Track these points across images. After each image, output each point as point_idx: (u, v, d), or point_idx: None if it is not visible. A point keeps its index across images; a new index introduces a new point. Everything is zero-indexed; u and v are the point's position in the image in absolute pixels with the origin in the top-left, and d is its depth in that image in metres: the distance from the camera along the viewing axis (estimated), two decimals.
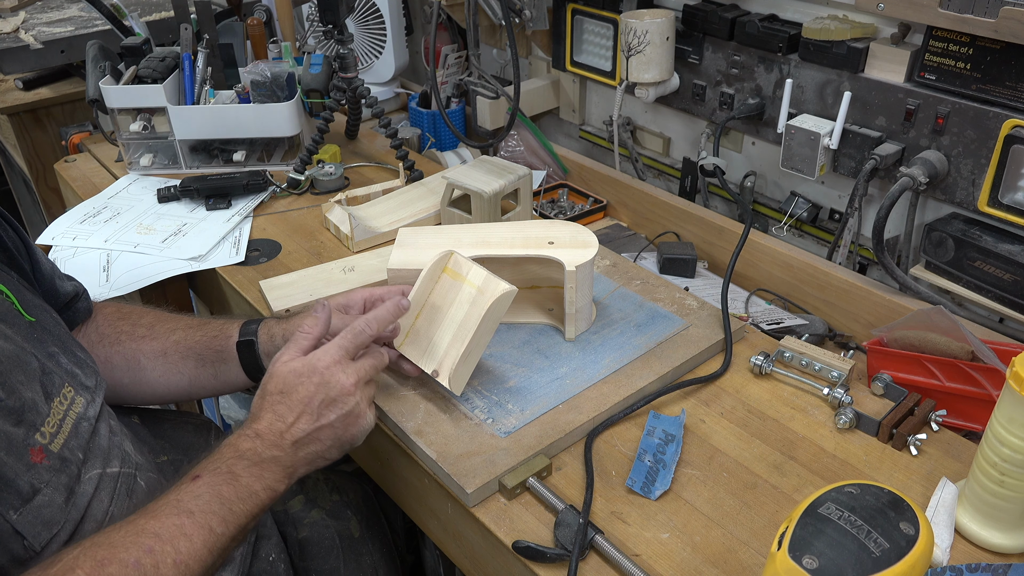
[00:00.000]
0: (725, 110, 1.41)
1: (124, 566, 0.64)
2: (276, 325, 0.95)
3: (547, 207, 1.58)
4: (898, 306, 1.14)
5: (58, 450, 0.69)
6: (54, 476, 0.68)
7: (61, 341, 0.78)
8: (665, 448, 0.87)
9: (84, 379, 0.77)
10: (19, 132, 1.94)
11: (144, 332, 0.96)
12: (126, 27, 1.72)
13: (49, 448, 0.68)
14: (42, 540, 0.66)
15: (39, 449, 0.67)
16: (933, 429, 0.90)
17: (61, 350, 0.77)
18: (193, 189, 1.40)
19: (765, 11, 1.33)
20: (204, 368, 0.95)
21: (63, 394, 0.72)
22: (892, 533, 0.62)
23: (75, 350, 0.80)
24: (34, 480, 0.66)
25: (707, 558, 0.76)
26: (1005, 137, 1.05)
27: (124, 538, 0.66)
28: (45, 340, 0.75)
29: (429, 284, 0.94)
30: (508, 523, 0.81)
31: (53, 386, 0.72)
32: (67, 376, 0.75)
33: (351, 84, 1.47)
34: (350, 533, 1.04)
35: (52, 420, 0.70)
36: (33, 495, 0.66)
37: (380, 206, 1.34)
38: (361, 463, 1.06)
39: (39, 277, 0.88)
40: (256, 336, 0.94)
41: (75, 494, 0.70)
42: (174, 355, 0.95)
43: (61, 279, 0.93)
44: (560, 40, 1.66)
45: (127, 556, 0.64)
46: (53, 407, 0.70)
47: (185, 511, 0.69)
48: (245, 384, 0.96)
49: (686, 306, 1.08)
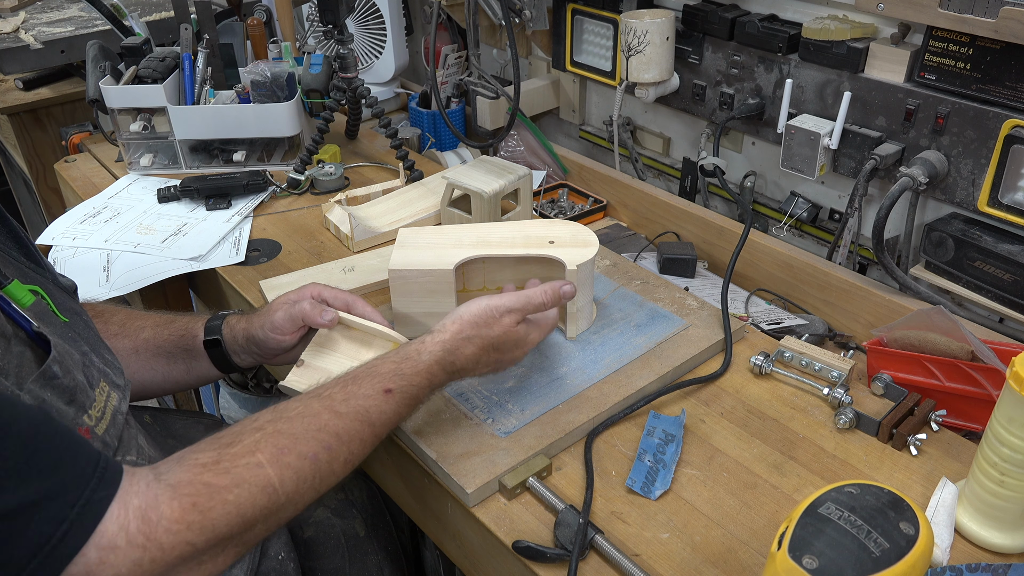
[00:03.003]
0: (725, 110, 1.41)
1: (302, 458, 0.69)
2: (237, 323, 0.96)
3: (547, 207, 1.58)
4: (898, 306, 1.14)
5: (101, 434, 0.70)
6: None
7: (91, 342, 0.79)
8: (665, 448, 0.87)
9: (115, 378, 0.79)
10: (19, 132, 1.94)
11: (116, 330, 0.97)
12: (126, 27, 1.72)
13: (95, 431, 0.69)
14: None
15: (86, 430, 0.68)
16: (933, 429, 0.90)
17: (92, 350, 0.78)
18: (193, 189, 1.40)
19: (765, 11, 1.33)
20: (175, 364, 0.97)
21: (101, 387, 0.74)
22: (892, 533, 0.62)
23: (103, 352, 0.81)
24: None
25: (707, 558, 0.76)
26: (1005, 137, 1.05)
27: (306, 431, 0.71)
28: (78, 340, 0.76)
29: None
30: (508, 523, 0.81)
31: (93, 378, 0.73)
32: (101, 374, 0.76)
33: (351, 84, 1.47)
34: (355, 532, 1.04)
35: (97, 405, 0.71)
36: None
37: (380, 206, 1.34)
38: (361, 463, 1.05)
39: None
40: (220, 334, 0.96)
41: None
42: (145, 353, 0.96)
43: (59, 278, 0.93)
44: (560, 40, 1.66)
45: (307, 449, 0.70)
46: (96, 394, 0.72)
47: (368, 421, 0.75)
48: (219, 376, 0.99)
49: (686, 306, 1.08)
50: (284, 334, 0.93)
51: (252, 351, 0.96)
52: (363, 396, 0.76)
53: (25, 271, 0.77)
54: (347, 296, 0.97)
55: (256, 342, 0.94)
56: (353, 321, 0.95)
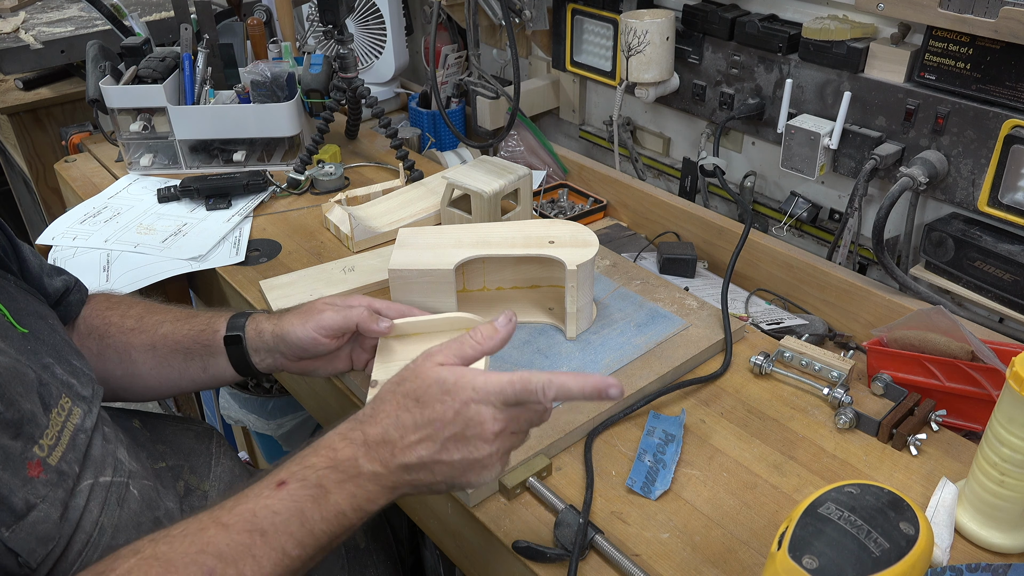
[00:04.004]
0: (725, 110, 1.41)
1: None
2: (265, 321, 0.92)
3: (547, 207, 1.58)
4: (898, 306, 1.14)
5: (56, 463, 0.67)
6: (51, 491, 0.65)
7: (56, 350, 0.76)
8: (665, 448, 0.87)
9: (80, 389, 0.75)
10: (19, 132, 1.94)
11: (133, 324, 0.94)
12: (126, 27, 1.72)
13: (47, 461, 0.66)
14: (38, 557, 0.63)
15: (37, 463, 0.64)
16: (933, 429, 0.90)
17: (56, 360, 0.75)
18: (193, 189, 1.40)
19: (765, 11, 1.33)
20: (193, 362, 0.93)
21: (60, 405, 0.70)
22: (892, 533, 0.62)
23: (71, 358, 0.77)
24: (29, 496, 0.63)
25: (707, 558, 0.76)
26: (1005, 137, 1.05)
27: (184, 555, 0.59)
28: (39, 351, 0.73)
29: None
30: (508, 523, 0.81)
31: (51, 397, 0.70)
32: (63, 387, 0.73)
33: (351, 84, 1.47)
34: (355, 543, 1.03)
35: (51, 432, 0.67)
36: (28, 511, 0.63)
37: (380, 206, 1.34)
38: None
39: (27, 278, 0.85)
40: (244, 331, 0.92)
41: (69, 508, 0.67)
42: (163, 349, 0.93)
43: (50, 275, 0.90)
44: (560, 40, 1.66)
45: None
46: (51, 418, 0.68)
47: (258, 529, 0.61)
48: (235, 378, 0.94)
49: (686, 306, 1.08)
50: (331, 337, 0.88)
51: (278, 351, 0.91)
52: (252, 496, 0.63)
53: None
54: (399, 306, 0.92)
55: (287, 342, 0.89)
56: (411, 322, 0.90)
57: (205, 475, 0.95)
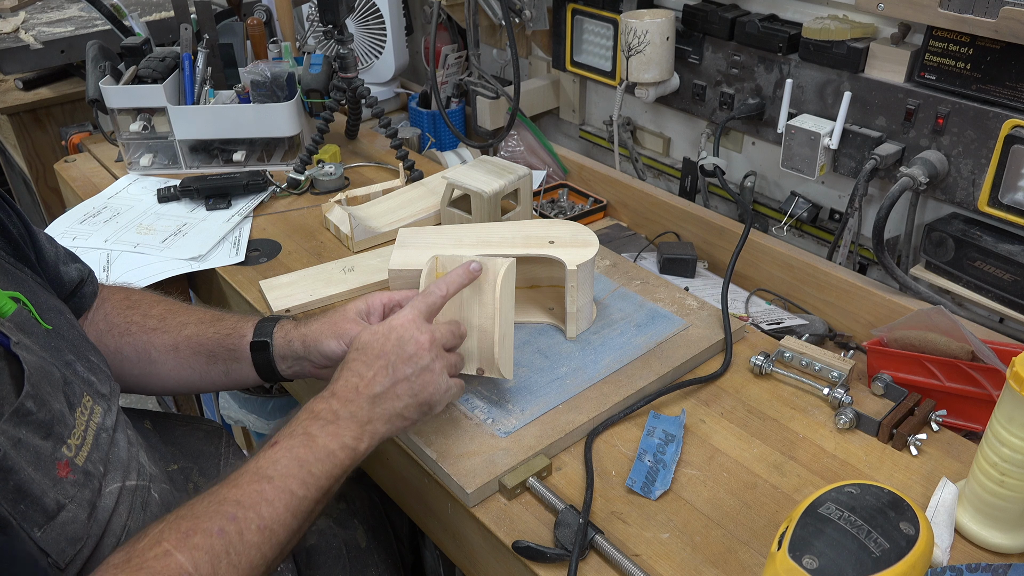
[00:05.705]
0: (725, 110, 1.41)
1: (209, 535, 0.65)
2: (293, 328, 0.91)
3: (547, 207, 1.58)
4: (898, 306, 1.14)
5: (82, 463, 0.68)
6: (78, 491, 0.66)
7: (76, 347, 0.76)
8: (665, 448, 0.87)
9: (99, 386, 0.75)
10: (19, 132, 1.94)
11: (155, 324, 0.93)
12: (126, 27, 1.72)
13: (75, 462, 0.67)
14: (67, 556, 0.64)
15: (65, 463, 0.66)
16: (933, 429, 0.90)
17: (77, 357, 0.75)
18: (193, 189, 1.40)
19: (765, 11, 1.33)
20: (215, 365, 0.93)
21: (83, 404, 0.71)
22: (892, 533, 0.62)
23: (89, 355, 0.77)
24: (59, 496, 0.64)
25: (707, 558, 0.76)
26: (1005, 137, 1.05)
27: (207, 508, 0.67)
28: (62, 348, 0.73)
29: None
30: (508, 523, 0.81)
31: (75, 396, 0.70)
32: (84, 385, 0.73)
33: (351, 84, 1.47)
34: (356, 543, 1.03)
35: (77, 431, 0.68)
36: (58, 511, 0.64)
37: (380, 206, 1.34)
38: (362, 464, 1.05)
39: (43, 266, 0.84)
40: (271, 337, 0.91)
41: (97, 508, 0.68)
42: (185, 350, 0.92)
43: (66, 263, 0.89)
44: (560, 40, 1.66)
45: (211, 525, 0.65)
46: (76, 417, 0.69)
47: (264, 476, 0.70)
48: (256, 382, 0.94)
49: (686, 306, 1.08)
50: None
51: (307, 359, 0.90)
52: (255, 458, 0.73)
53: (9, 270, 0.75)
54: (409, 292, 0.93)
55: (320, 352, 0.88)
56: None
57: (213, 476, 0.95)
